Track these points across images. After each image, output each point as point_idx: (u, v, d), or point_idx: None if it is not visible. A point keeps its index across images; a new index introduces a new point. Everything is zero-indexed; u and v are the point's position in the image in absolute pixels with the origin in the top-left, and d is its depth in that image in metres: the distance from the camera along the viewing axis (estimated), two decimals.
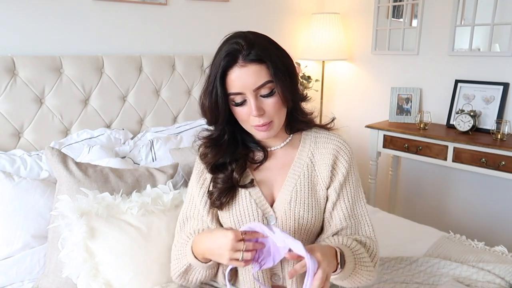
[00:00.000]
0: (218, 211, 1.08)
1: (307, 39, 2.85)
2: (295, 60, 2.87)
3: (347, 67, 3.00)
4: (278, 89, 0.96)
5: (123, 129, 1.94)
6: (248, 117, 0.98)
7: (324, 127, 1.13)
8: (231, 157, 1.05)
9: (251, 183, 1.05)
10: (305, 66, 2.79)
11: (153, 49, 2.16)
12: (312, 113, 1.12)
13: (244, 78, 0.93)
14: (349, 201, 1.06)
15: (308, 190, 1.05)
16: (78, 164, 1.36)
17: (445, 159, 2.24)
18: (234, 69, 0.94)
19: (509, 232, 2.36)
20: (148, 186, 1.40)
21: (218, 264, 1.06)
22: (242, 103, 0.97)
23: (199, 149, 1.12)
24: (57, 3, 1.83)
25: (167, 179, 1.45)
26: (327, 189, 1.07)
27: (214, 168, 1.06)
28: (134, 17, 2.08)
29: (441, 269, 1.40)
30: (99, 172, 1.37)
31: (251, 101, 0.95)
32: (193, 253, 1.00)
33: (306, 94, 1.08)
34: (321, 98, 2.96)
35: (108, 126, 1.95)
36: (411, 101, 2.60)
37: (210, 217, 1.08)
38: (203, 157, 1.09)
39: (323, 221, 1.09)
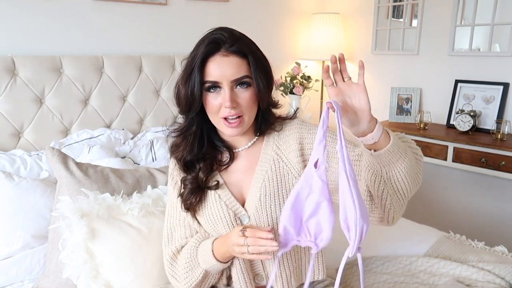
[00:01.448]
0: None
1: (307, 39, 2.85)
2: (295, 60, 2.88)
3: (347, 67, 2.99)
4: (255, 86, 0.97)
5: (123, 129, 1.94)
6: (219, 108, 0.97)
7: (286, 118, 1.11)
8: (198, 154, 1.04)
9: (216, 185, 1.04)
10: (305, 66, 2.79)
11: (153, 49, 2.16)
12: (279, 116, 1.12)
13: (224, 67, 0.94)
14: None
15: (277, 183, 1.03)
16: (78, 165, 1.36)
17: (445, 159, 2.24)
18: (215, 57, 0.94)
19: (509, 232, 2.36)
20: (149, 187, 1.40)
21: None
22: (215, 89, 0.96)
23: (171, 150, 1.11)
24: (57, 3, 1.83)
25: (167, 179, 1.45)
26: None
27: (185, 166, 1.06)
28: (134, 17, 2.08)
29: (441, 269, 1.40)
30: (100, 172, 1.37)
31: (226, 91, 0.95)
32: (215, 257, 0.98)
33: (278, 102, 1.09)
34: (321, 98, 2.95)
35: (108, 126, 1.95)
36: (411, 101, 2.60)
37: (197, 221, 1.07)
38: (175, 148, 1.07)
39: None
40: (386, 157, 0.86)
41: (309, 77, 2.69)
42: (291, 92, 2.62)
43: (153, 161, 1.77)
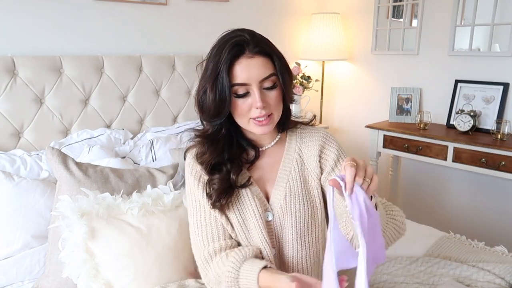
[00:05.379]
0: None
1: (307, 39, 2.85)
2: (295, 60, 2.88)
3: (347, 67, 3.00)
4: (281, 83, 0.99)
5: (123, 129, 1.94)
6: (249, 109, 0.98)
7: (308, 124, 1.16)
8: (227, 155, 1.04)
9: (249, 181, 1.05)
10: (305, 66, 2.79)
11: (153, 49, 2.16)
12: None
13: (251, 69, 0.95)
14: None
15: (301, 184, 1.07)
16: (78, 164, 1.36)
17: (445, 159, 2.24)
18: (241, 59, 0.95)
19: (509, 232, 2.36)
20: (149, 187, 1.40)
21: None
22: (245, 94, 0.97)
23: (185, 152, 1.11)
24: (57, 3, 1.83)
25: (167, 179, 1.45)
26: (319, 179, 1.08)
27: (211, 168, 1.04)
28: (134, 17, 2.08)
29: (441, 269, 1.40)
30: (99, 172, 1.37)
31: (255, 92, 0.96)
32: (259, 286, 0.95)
33: (294, 97, 1.11)
34: (321, 98, 2.96)
35: (108, 126, 1.95)
36: (411, 101, 2.60)
37: (225, 218, 1.05)
38: (199, 156, 1.07)
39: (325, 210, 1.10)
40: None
41: (309, 77, 2.69)
42: None
43: (153, 161, 1.77)
